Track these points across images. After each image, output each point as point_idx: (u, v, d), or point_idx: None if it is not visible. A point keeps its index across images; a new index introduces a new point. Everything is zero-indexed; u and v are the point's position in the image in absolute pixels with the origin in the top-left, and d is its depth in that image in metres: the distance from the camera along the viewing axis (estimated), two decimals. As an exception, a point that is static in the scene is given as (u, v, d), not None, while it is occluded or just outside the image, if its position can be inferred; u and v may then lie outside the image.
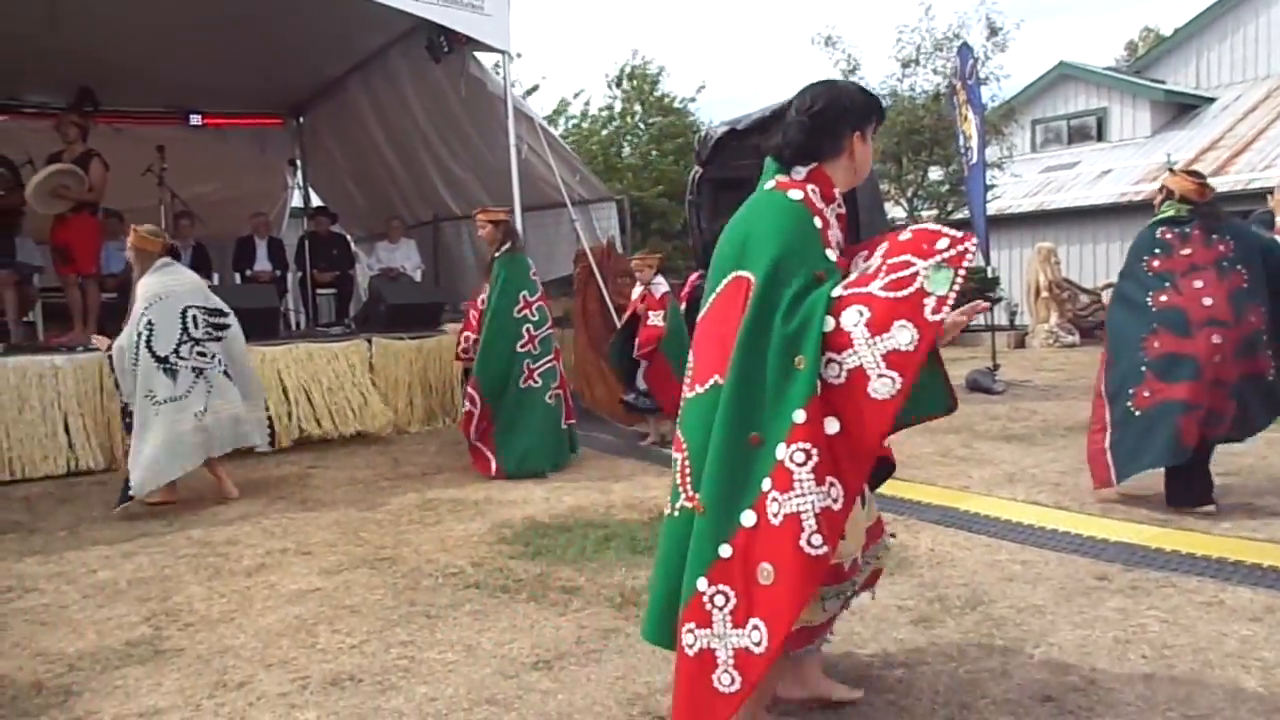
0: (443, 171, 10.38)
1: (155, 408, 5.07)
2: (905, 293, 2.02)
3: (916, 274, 2.03)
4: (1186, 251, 4.34)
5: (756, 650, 2.00)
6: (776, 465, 2.01)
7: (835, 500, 2.00)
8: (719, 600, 2.05)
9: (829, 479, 1.99)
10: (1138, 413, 4.27)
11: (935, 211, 18.23)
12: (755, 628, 2.01)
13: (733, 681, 2.02)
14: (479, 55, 8.78)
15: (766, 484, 2.03)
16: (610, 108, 20.08)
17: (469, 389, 6.02)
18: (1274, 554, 3.57)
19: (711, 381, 2.18)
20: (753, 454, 2.05)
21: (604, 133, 19.49)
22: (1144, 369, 4.27)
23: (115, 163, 7.63)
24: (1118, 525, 4.11)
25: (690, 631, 2.08)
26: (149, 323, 5.11)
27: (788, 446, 2.01)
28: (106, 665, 2.97)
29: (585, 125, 19.93)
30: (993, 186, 17.08)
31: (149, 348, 5.08)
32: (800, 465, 1.99)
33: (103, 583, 3.85)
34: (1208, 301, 4.21)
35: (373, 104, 10.25)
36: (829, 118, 2.30)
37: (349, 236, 11.31)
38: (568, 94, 20.21)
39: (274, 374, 6.92)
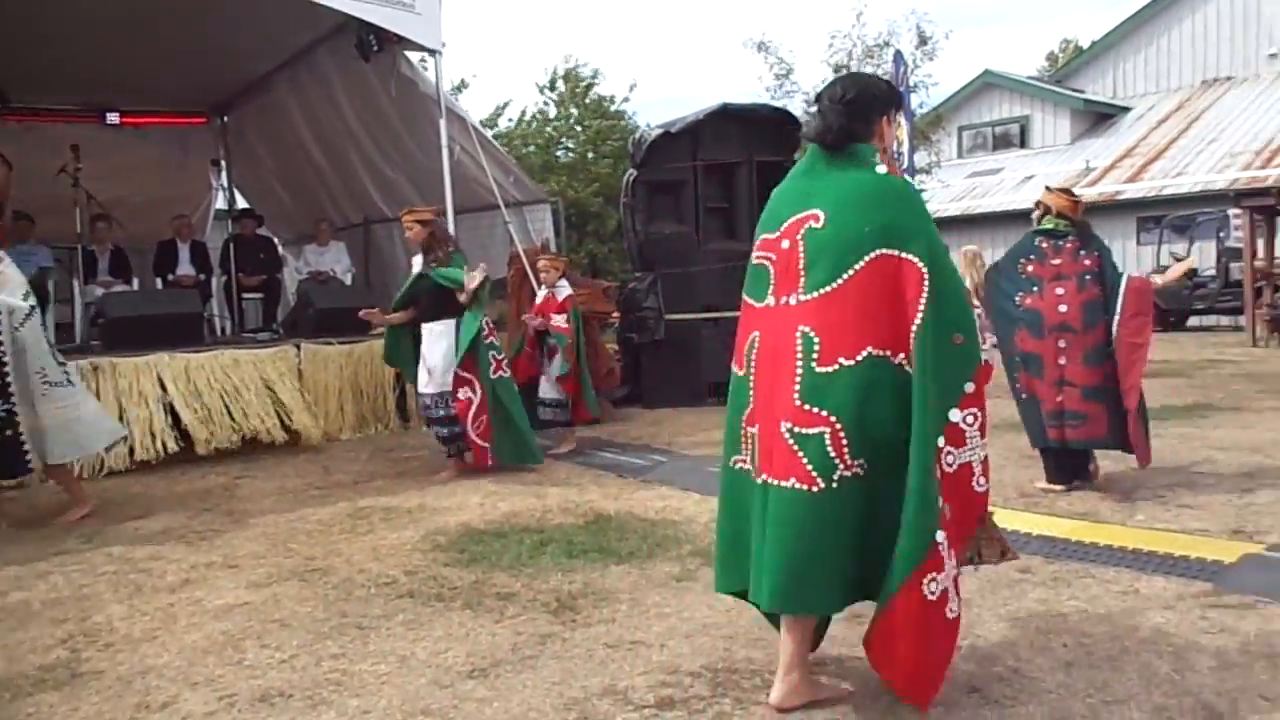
0: (373, 172, 10.24)
1: (45, 387, 4.88)
2: None
3: None
4: (1057, 261, 4.78)
5: (958, 572, 2.46)
6: (950, 425, 2.39)
7: (987, 448, 2.47)
8: (943, 546, 2.35)
9: (986, 434, 2.45)
10: (1024, 396, 4.84)
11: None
12: (952, 555, 2.41)
13: (956, 606, 2.41)
14: (410, 54, 8.68)
15: (941, 441, 2.37)
16: (543, 112, 20.03)
17: (466, 375, 5.78)
18: (1185, 544, 3.71)
19: (865, 353, 2.36)
20: (932, 417, 2.35)
21: (540, 138, 19.43)
22: (1016, 359, 4.84)
23: (27, 163, 7.34)
24: (1039, 519, 4.23)
25: (933, 580, 2.32)
26: (33, 305, 4.92)
27: (961, 411, 2.40)
28: (18, 692, 2.85)
29: (518, 129, 19.85)
30: (921, 191, 17.42)
31: (43, 326, 4.91)
32: (970, 425, 2.42)
33: (14, 605, 3.70)
34: (1062, 309, 4.69)
35: (300, 103, 10.06)
36: (861, 104, 2.54)
37: (276, 239, 11.08)
38: (498, 93, 20.16)
39: (200, 381, 6.75)
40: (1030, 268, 4.82)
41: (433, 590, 3.62)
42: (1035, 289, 4.77)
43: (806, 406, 2.37)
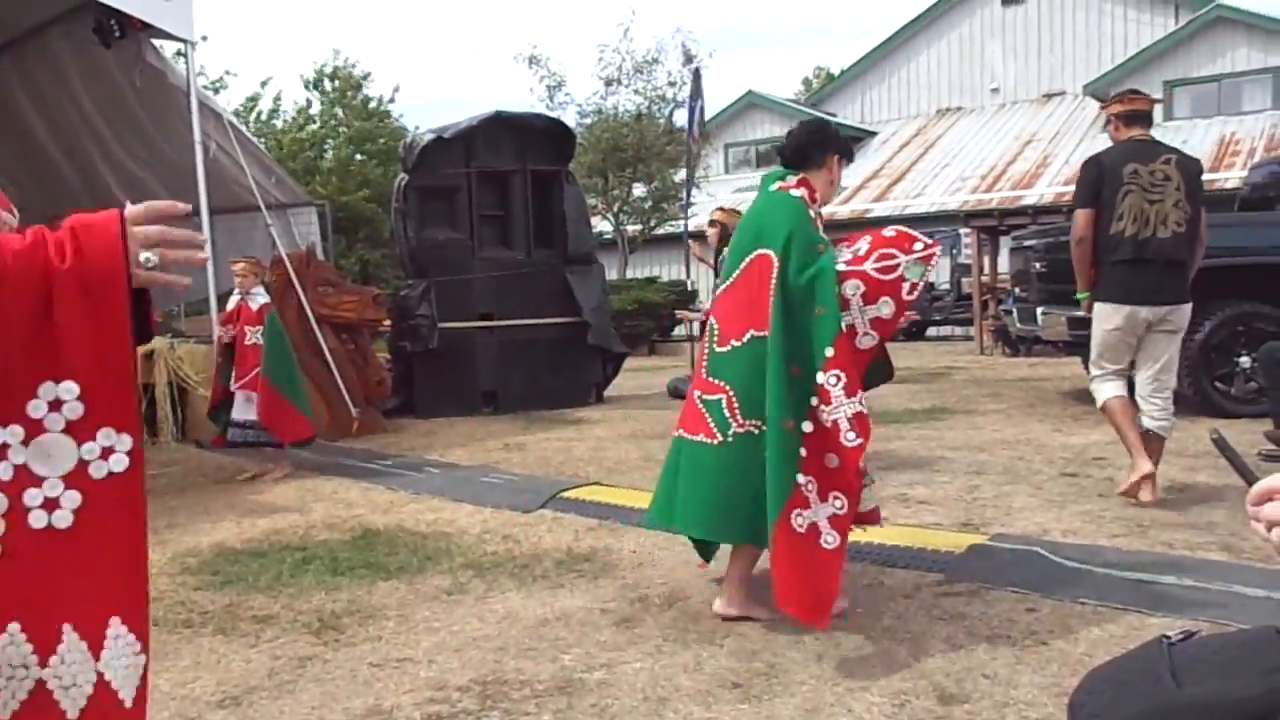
0: (116, 168, 9.42)
1: None
2: (890, 277, 2.88)
3: (899, 264, 2.88)
4: None
5: (841, 512, 2.85)
6: (819, 387, 2.82)
7: (862, 404, 2.81)
8: (809, 487, 2.82)
9: (857, 392, 2.81)
10: None
11: (640, 226, 18.97)
12: (836, 497, 2.84)
13: (834, 540, 2.83)
14: (160, 43, 8.06)
15: (815, 400, 2.84)
16: (307, 109, 19.18)
17: None
18: (922, 538, 4.04)
19: (748, 335, 2.96)
20: (797, 381, 2.85)
21: (302, 134, 18.58)
22: None
23: None
24: (798, 519, 4.47)
25: (799, 515, 2.81)
26: None
27: (824, 373, 2.82)
28: None
29: (280, 123, 18.91)
30: (691, 204, 18.09)
31: None
32: (834, 385, 2.80)
33: None
34: None
35: (29, 89, 9.10)
36: (822, 136, 3.20)
37: (-1, 237, 9.96)
38: (262, 92, 18.93)
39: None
40: None
41: (180, 616, 3.37)
42: None
43: (710, 379, 3.04)
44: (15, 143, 9.69)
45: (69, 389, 1.00)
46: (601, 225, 17.49)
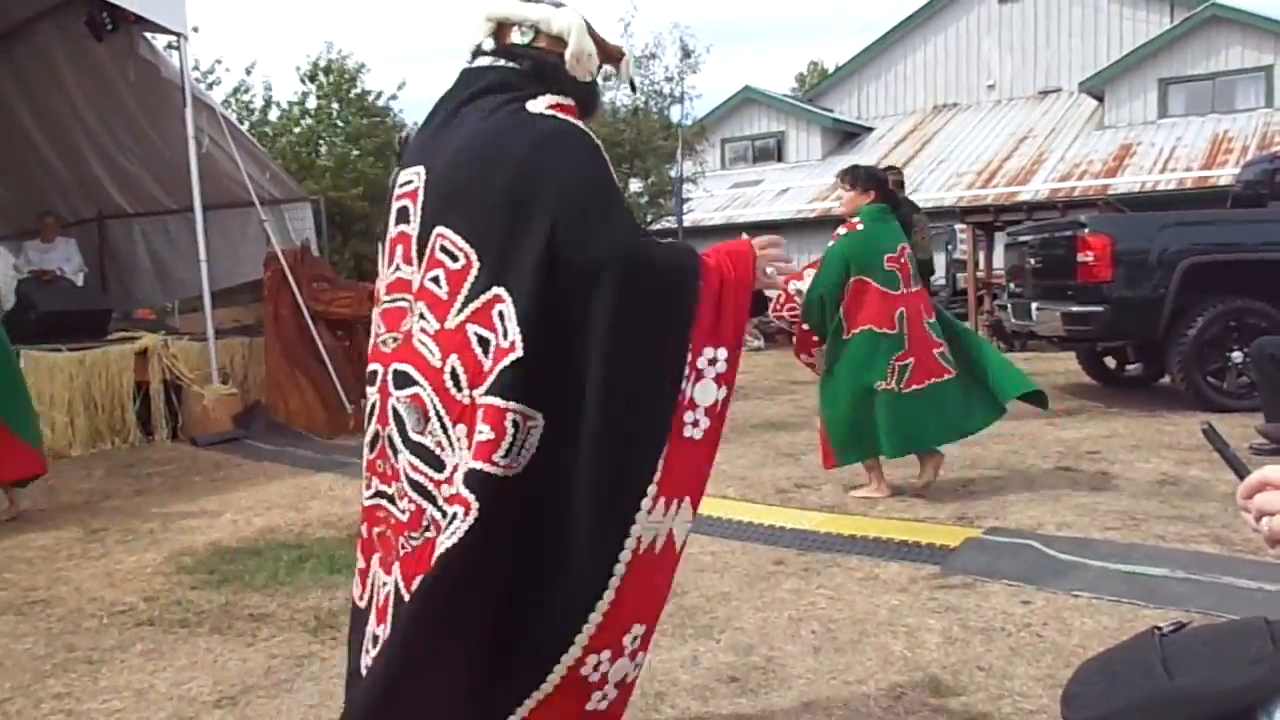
0: (108, 163, 9.38)
1: None
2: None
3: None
4: None
5: None
6: None
7: None
8: None
9: None
10: None
11: (637, 221, 18.92)
12: None
13: None
14: (152, 36, 8.04)
15: None
16: (303, 103, 19.04)
17: None
18: (918, 531, 4.06)
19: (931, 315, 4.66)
20: None
21: (297, 130, 18.48)
22: None
23: None
24: (794, 514, 4.49)
25: None
26: None
27: None
28: None
29: (274, 118, 18.78)
30: (688, 200, 18.10)
31: None
32: None
33: None
34: None
35: (19, 83, 9.05)
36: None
37: (-11, 234, 9.93)
38: (250, 81, 18.65)
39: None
40: None
41: (176, 616, 3.37)
42: None
43: (936, 339, 4.56)
44: (6, 138, 9.64)
45: (722, 353, 1.75)
46: (597, 221, 17.47)
